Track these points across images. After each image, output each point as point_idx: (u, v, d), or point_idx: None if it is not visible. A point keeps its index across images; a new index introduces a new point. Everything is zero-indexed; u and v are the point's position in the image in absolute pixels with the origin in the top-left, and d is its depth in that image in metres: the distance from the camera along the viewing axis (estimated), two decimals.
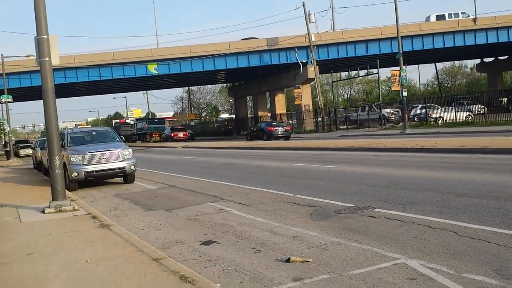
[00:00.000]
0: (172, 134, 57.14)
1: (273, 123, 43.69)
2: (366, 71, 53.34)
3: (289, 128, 44.23)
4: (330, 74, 65.89)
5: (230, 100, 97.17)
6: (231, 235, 7.76)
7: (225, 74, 66.12)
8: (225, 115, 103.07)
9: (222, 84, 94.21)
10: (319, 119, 52.15)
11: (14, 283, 5.64)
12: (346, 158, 18.60)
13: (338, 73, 73.02)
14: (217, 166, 20.22)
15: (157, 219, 9.70)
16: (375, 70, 49.70)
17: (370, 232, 7.22)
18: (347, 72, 58.56)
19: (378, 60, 46.99)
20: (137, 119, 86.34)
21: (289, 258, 6.07)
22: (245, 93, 73.21)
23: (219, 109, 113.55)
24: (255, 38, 56.13)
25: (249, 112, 78.25)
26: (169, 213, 10.25)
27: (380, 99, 51.92)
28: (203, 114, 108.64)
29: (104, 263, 6.19)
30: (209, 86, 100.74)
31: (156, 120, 75.90)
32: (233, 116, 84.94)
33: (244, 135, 49.05)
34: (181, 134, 57.18)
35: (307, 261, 5.98)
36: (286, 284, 5.26)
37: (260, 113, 66.37)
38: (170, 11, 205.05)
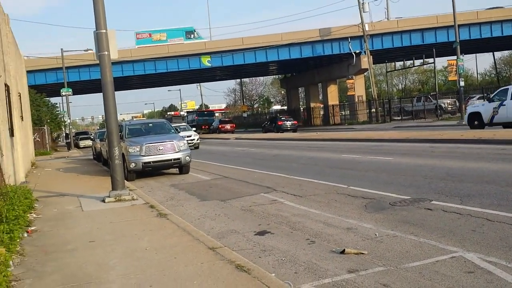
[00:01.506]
0: (220, 126, 59.26)
1: (282, 118, 50.53)
2: (421, 60, 51.96)
3: (296, 122, 49.90)
4: (384, 64, 64.57)
5: (282, 92, 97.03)
6: (285, 226, 7.80)
7: (277, 66, 66.10)
8: (277, 107, 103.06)
9: (274, 76, 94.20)
10: (372, 110, 51.29)
11: (77, 269, 5.89)
12: (401, 150, 18.20)
13: (393, 63, 71.33)
14: (269, 158, 20.30)
15: (212, 209, 9.87)
16: (431, 60, 48.29)
17: (426, 224, 7.07)
18: (402, 62, 57.11)
19: (434, 50, 45.55)
20: (187, 112, 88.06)
21: (344, 250, 6.04)
22: (297, 84, 72.92)
23: (271, 100, 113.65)
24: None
25: (301, 103, 77.88)
26: (224, 203, 10.40)
27: (436, 89, 50.48)
28: (255, 105, 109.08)
29: (162, 251, 6.38)
30: (261, 77, 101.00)
31: (205, 112, 77.40)
32: (285, 107, 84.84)
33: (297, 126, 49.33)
34: (228, 126, 59.16)
35: (362, 253, 5.93)
36: (341, 276, 5.25)
37: (312, 104, 65.98)
38: (222, 4, 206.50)
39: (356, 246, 6.30)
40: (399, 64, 67.25)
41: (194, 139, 31.03)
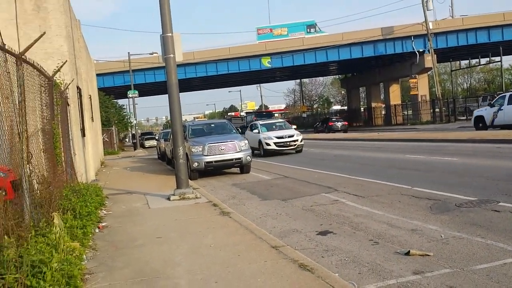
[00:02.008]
0: None
1: (333, 119, 53.57)
2: (487, 59, 49.66)
3: (346, 123, 51.11)
4: (449, 63, 62.34)
5: (342, 92, 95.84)
6: (347, 226, 7.75)
7: (337, 66, 65.40)
8: (337, 107, 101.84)
9: (334, 76, 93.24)
10: (436, 110, 49.64)
11: (146, 264, 6.12)
12: (466, 150, 17.55)
13: (457, 62, 68.75)
14: (330, 158, 20.16)
15: (274, 208, 9.95)
16: (497, 58, 46.08)
17: (494, 226, 6.83)
18: (467, 61, 54.97)
19: (501, 48, 43.49)
20: (246, 112, 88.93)
21: (409, 251, 5.94)
22: (358, 84, 71.80)
23: (331, 100, 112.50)
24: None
25: (362, 103, 76.60)
26: (285, 202, 10.46)
27: (503, 88, 48.20)
28: (315, 106, 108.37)
29: (226, 249, 6.51)
30: (321, 78, 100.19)
31: (264, 113, 77.83)
32: (345, 107, 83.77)
33: (357, 127, 48.91)
34: None
35: (428, 255, 5.81)
36: (406, 277, 5.17)
37: (373, 104, 64.76)
38: (283, 5, 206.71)
39: (421, 247, 6.17)
40: (464, 63, 64.83)
41: (297, 140, 24.11)
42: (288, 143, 23.79)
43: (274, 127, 25.71)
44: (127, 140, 75.35)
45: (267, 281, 5.03)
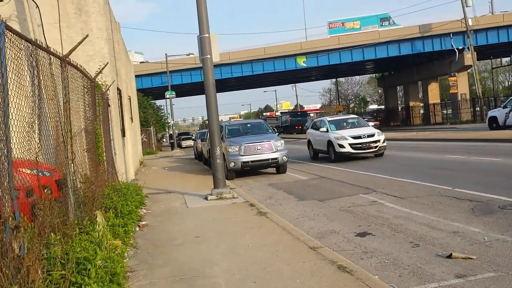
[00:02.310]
0: None
1: (365, 119, 55.21)
2: None
3: (378, 123, 51.87)
4: (489, 60, 60.58)
5: (379, 91, 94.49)
6: (386, 227, 7.65)
7: (374, 64, 64.50)
8: (373, 106, 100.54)
9: (371, 75, 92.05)
10: (476, 109, 48.33)
11: (185, 263, 6.21)
12: (509, 150, 17.01)
13: (498, 59, 66.69)
14: (367, 157, 19.89)
15: (311, 209, 9.91)
16: None
17: None
18: (508, 58, 53.26)
19: None
20: (281, 112, 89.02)
21: (451, 254, 5.81)
22: (395, 83, 70.59)
23: (368, 100, 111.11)
24: None
25: (399, 102, 75.33)
26: (322, 203, 10.40)
27: None
28: (351, 105, 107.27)
29: (263, 249, 6.53)
30: (357, 77, 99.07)
31: (298, 113, 77.85)
32: (382, 107, 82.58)
33: (395, 126, 48.14)
34: None
35: (470, 258, 5.68)
36: (448, 281, 5.06)
37: (411, 103, 63.57)
38: (317, 4, 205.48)
39: (464, 250, 6.03)
40: (505, 60, 62.81)
41: (378, 141, 18.86)
42: (368, 145, 18.74)
43: (345, 124, 20.99)
44: (164, 140, 76.49)
45: (306, 282, 5.02)
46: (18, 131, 4.47)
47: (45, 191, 5.89)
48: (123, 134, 15.75)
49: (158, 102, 61.44)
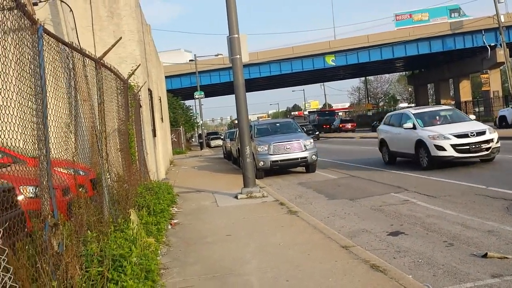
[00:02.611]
0: (340, 125, 61.27)
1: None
2: None
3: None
4: None
5: (410, 89, 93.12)
6: (419, 227, 7.55)
7: (404, 62, 63.65)
8: (403, 104, 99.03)
9: (401, 73, 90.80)
10: (510, 106, 47.09)
11: (217, 261, 6.26)
12: None
13: None
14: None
15: (341, 207, 9.86)
16: None
17: None
18: None
19: None
20: (309, 112, 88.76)
21: (486, 254, 5.71)
22: (426, 81, 69.51)
23: (397, 98, 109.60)
24: None
25: (430, 100, 74.11)
26: (353, 202, 10.34)
27: None
28: (380, 103, 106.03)
29: (295, 248, 6.54)
30: (387, 75, 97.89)
31: (326, 112, 77.62)
32: (413, 105, 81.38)
33: None
34: (348, 125, 60.92)
35: (506, 258, 5.57)
36: (484, 280, 4.97)
37: (442, 101, 62.29)
38: (345, 2, 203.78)
39: (499, 250, 5.92)
40: None
41: (491, 140, 13.86)
42: (479, 146, 13.73)
43: (437, 118, 15.92)
44: (193, 140, 77.17)
45: (339, 281, 5.01)
46: (56, 131, 4.60)
47: (80, 190, 6.05)
48: (154, 134, 15.98)
49: (187, 103, 61.97)
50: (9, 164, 5.04)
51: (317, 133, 46.72)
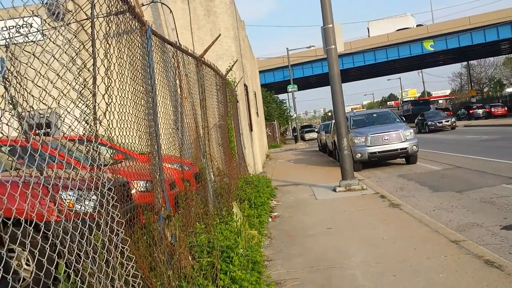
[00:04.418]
0: None
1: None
2: None
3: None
4: None
5: None
6: None
7: (510, 44, 59.14)
8: (511, 89, 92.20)
9: (507, 55, 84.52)
10: None
11: (319, 254, 6.23)
12: None
13: None
14: (509, 145, 18.33)
15: (447, 200, 9.40)
16: None
17: None
18: None
19: None
20: (403, 101, 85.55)
21: None
22: None
23: (504, 83, 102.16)
24: None
25: None
26: (460, 194, 9.81)
27: None
28: (485, 89, 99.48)
29: (400, 242, 6.33)
30: (491, 58, 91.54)
31: (420, 101, 74.33)
32: None
33: None
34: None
35: None
36: None
37: None
38: None
39: None
40: None
41: None
42: None
43: None
44: (287, 133, 77.56)
45: (450, 277, 4.77)
46: (165, 127, 4.83)
47: (185, 184, 6.30)
48: (251, 129, 16.26)
49: (281, 96, 62.38)
50: (122, 160, 5.37)
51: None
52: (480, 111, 49.99)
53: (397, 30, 55.20)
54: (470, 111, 50.85)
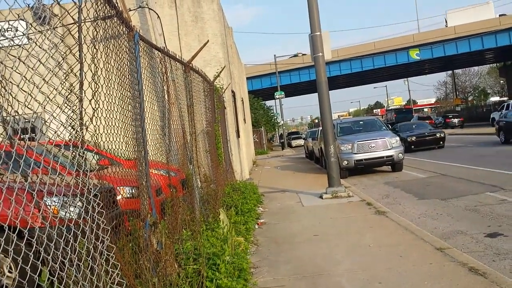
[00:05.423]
0: None
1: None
2: None
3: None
4: None
5: (501, 82, 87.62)
6: None
7: (494, 53, 60.03)
8: (495, 98, 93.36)
9: (491, 65, 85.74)
10: None
11: (306, 261, 6.22)
12: None
13: None
14: (491, 153, 18.55)
15: (432, 208, 9.47)
16: None
17: None
18: None
19: None
20: (387, 110, 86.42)
21: None
22: None
23: (488, 92, 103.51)
24: None
25: None
26: (444, 202, 9.89)
27: None
28: (470, 98, 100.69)
29: (386, 249, 6.36)
30: (476, 67, 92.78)
31: (404, 110, 75.20)
32: (505, 98, 76.50)
33: None
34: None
35: None
36: None
37: None
38: None
39: None
40: None
41: None
42: None
43: None
44: (274, 140, 77.65)
45: (435, 284, 4.80)
46: (152, 133, 4.80)
47: (171, 190, 6.26)
48: (238, 135, 16.25)
49: (268, 103, 62.51)
50: (107, 166, 5.32)
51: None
52: (455, 120, 52.43)
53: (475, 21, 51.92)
54: (447, 120, 53.14)
